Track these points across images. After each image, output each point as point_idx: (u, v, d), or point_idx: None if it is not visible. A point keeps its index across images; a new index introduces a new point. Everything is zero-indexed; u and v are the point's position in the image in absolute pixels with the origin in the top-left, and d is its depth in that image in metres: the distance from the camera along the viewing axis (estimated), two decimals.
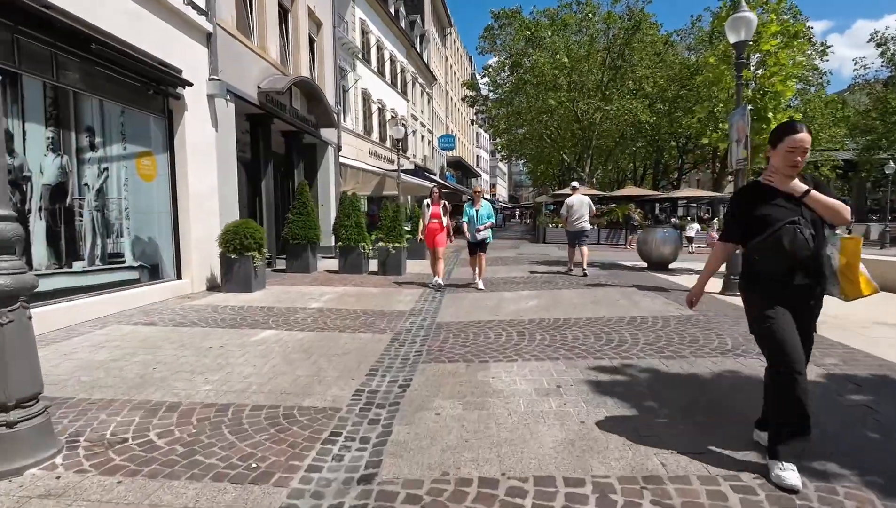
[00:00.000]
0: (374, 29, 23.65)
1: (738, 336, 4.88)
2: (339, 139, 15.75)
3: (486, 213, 8.28)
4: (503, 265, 12.03)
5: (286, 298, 7.50)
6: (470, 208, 8.36)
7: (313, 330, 5.49)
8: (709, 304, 6.62)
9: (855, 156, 27.68)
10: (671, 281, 8.89)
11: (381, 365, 4.24)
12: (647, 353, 4.41)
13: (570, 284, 8.71)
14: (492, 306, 6.83)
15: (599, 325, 5.51)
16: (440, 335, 5.27)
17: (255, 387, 3.69)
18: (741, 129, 6.92)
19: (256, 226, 7.99)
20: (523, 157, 35.86)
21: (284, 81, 10.44)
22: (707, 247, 18.87)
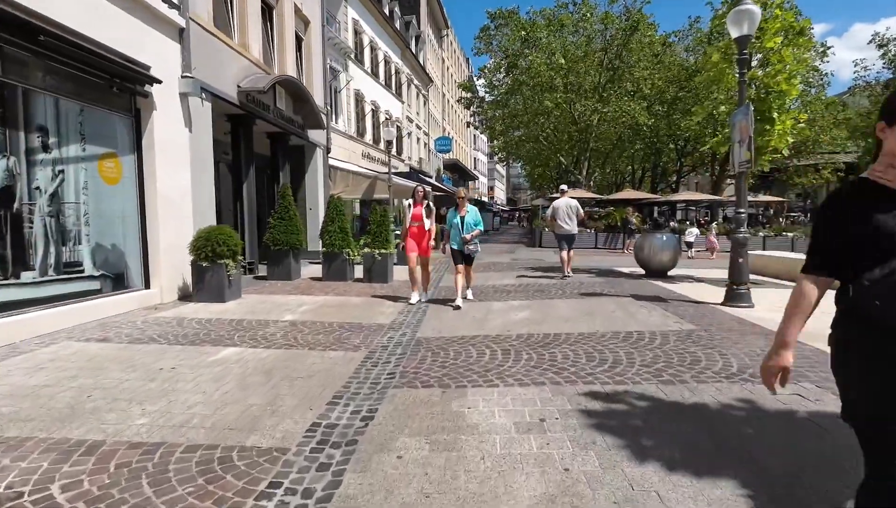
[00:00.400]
0: (368, 29, 23.25)
1: (743, 357, 4.43)
2: (328, 141, 15.31)
3: (473, 220, 7.13)
4: (496, 271, 11.59)
5: (261, 309, 7.04)
6: (454, 214, 7.23)
7: (281, 347, 5.03)
8: (710, 317, 6.18)
9: (856, 159, 27.28)
10: (670, 290, 8.44)
11: (346, 391, 3.79)
12: (643, 376, 3.96)
13: (564, 293, 8.26)
14: (478, 318, 6.38)
15: (592, 342, 5.06)
16: (418, 352, 4.82)
17: (197, 420, 3.24)
18: (744, 129, 6.49)
19: (230, 232, 7.54)
20: (520, 159, 35.42)
21: (266, 79, 10.00)
22: (706, 251, 18.44)
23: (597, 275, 10.75)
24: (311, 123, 13.22)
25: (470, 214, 7.18)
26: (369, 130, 23.27)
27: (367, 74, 23.18)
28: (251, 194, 10.69)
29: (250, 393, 3.73)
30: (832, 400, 3.40)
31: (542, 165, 35.47)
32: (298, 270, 10.14)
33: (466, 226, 7.08)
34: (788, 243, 21.30)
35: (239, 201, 10.57)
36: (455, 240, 7.16)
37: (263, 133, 12.22)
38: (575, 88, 23.70)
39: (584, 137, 25.01)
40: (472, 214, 7.20)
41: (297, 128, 12.75)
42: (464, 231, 7.04)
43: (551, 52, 23.12)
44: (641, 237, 10.54)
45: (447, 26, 45.44)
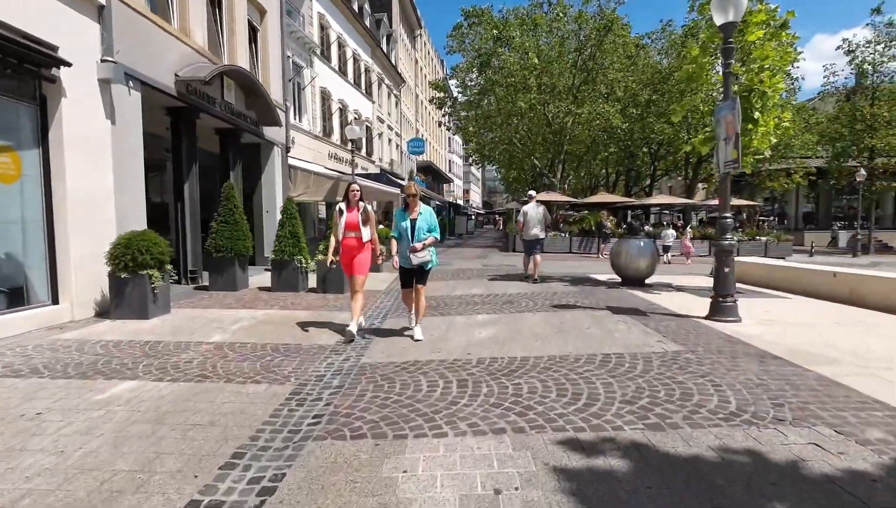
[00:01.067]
0: (335, 24, 22.34)
1: (740, 388, 3.74)
2: (287, 139, 14.35)
3: (427, 224, 5.37)
4: (463, 280, 10.82)
5: (187, 327, 6.11)
6: (402, 215, 5.45)
7: (191, 380, 4.15)
8: (696, 334, 5.52)
9: (825, 163, 27.52)
10: (649, 301, 7.80)
11: (253, 445, 2.96)
12: (626, 418, 3.22)
13: (535, 305, 7.54)
14: (436, 337, 5.59)
15: (565, 368, 4.32)
16: (359, 384, 4.00)
17: (28, 502, 2.36)
18: (730, 124, 5.88)
19: (155, 238, 6.59)
20: (494, 162, 34.86)
21: (209, 69, 9.04)
22: (682, 256, 18.07)
23: (571, 283, 10.08)
24: (266, 120, 12.27)
25: (423, 217, 5.39)
26: (337, 129, 22.33)
27: (334, 72, 22.25)
28: (194, 196, 9.69)
29: (123, 452, 2.86)
30: (859, 453, 2.72)
31: (516, 169, 35.00)
32: (245, 279, 9.18)
33: (417, 232, 5.33)
34: (762, 247, 21.17)
35: (180, 204, 9.57)
36: (404, 255, 5.41)
37: (212, 129, 11.23)
38: (549, 88, 23.19)
39: (559, 139, 24.54)
40: (425, 217, 5.40)
41: (251, 124, 11.78)
42: (414, 239, 5.31)
43: (524, 51, 22.57)
44: (618, 243, 9.92)
45: (420, 26, 44.72)
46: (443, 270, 13.00)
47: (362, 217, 5.63)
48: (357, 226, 5.60)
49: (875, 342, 5.18)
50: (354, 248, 5.63)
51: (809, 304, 7.63)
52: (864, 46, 25.96)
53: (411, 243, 5.31)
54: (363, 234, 5.62)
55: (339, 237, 5.65)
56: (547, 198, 23.83)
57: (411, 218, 5.40)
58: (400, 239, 5.47)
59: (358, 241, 5.62)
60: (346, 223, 5.62)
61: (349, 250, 5.65)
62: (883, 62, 25.86)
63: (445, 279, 10.90)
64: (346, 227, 5.62)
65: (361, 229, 5.60)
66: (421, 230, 5.36)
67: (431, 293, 8.72)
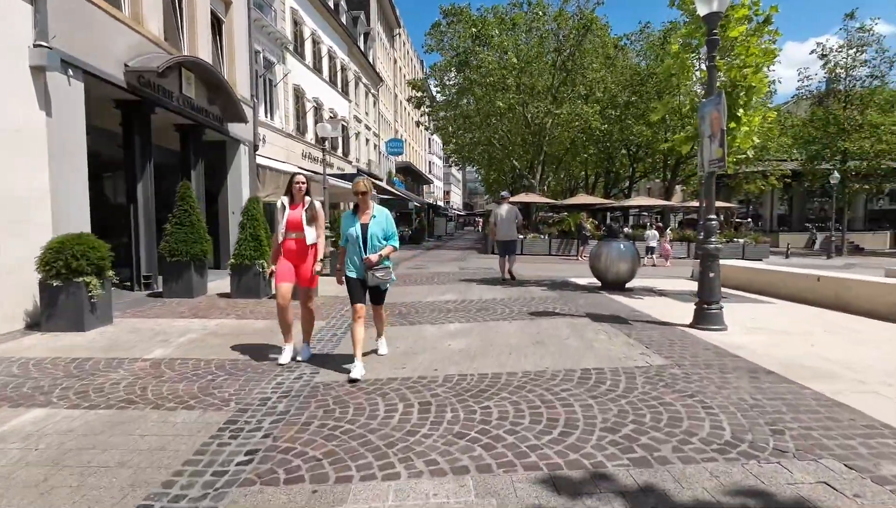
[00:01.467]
0: (309, 21, 21.70)
1: (733, 410, 3.35)
2: (255, 137, 13.71)
3: (382, 229, 4.35)
4: (438, 284, 10.36)
5: (127, 340, 5.52)
6: (350, 219, 4.35)
7: (112, 407, 3.60)
8: (681, 345, 5.14)
9: (800, 166, 27.80)
10: (631, 307, 7.44)
11: (165, 494, 2.45)
12: (607, 451, 2.79)
13: (511, 312, 7.11)
14: (403, 350, 5.11)
15: (540, 387, 3.89)
16: (306, 410, 3.51)
17: None
18: (716, 120, 5.54)
19: (93, 241, 5.97)
20: (473, 163, 34.51)
21: (163, 59, 8.41)
22: (661, 258, 17.89)
23: (549, 287, 9.70)
24: (231, 116, 11.64)
25: (377, 221, 4.33)
26: (311, 128, 21.67)
27: (308, 69, 21.60)
28: (148, 196, 9.03)
29: None
30: (877, 495, 2.33)
31: (496, 170, 34.72)
32: (203, 285, 8.57)
33: (371, 239, 4.28)
34: (740, 249, 21.18)
35: (133, 204, 8.90)
36: (354, 263, 4.35)
37: (172, 125, 10.57)
38: (528, 88, 22.92)
39: (538, 140, 24.28)
40: (380, 221, 4.35)
41: (214, 120, 11.14)
42: (367, 250, 4.28)
43: (503, 50, 22.25)
44: (598, 246, 9.57)
45: (399, 26, 44.21)
46: (417, 274, 12.52)
47: (307, 215, 4.58)
48: (300, 225, 4.55)
49: (868, 352, 4.88)
50: (297, 252, 4.61)
51: (794, 309, 7.36)
52: (837, 51, 26.31)
53: (364, 255, 4.25)
54: (307, 235, 4.56)
55: (280, 240, 4.62)
56: (526, 199, 23.56)
57: (361, 222, 4.30)
58: (347, 245, 4.39)
59: (301, 244, 4.58)
60: (287, 222, 4.57)
61: (291, 254, 4.61)
62: (855, 66, 26.23)
63: (419, 284, 10.43)
64: (288, 226, 4.57)
65: (306, 229, 4.55)
66: (374, 238, 4.28)
67: (402, 300, 8.25)
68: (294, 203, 4.65)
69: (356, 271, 4.35)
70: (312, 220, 4.62)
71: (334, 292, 8.65)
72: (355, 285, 4.37)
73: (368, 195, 4.35)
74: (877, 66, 25.88)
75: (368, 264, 4.25)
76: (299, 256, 4.63)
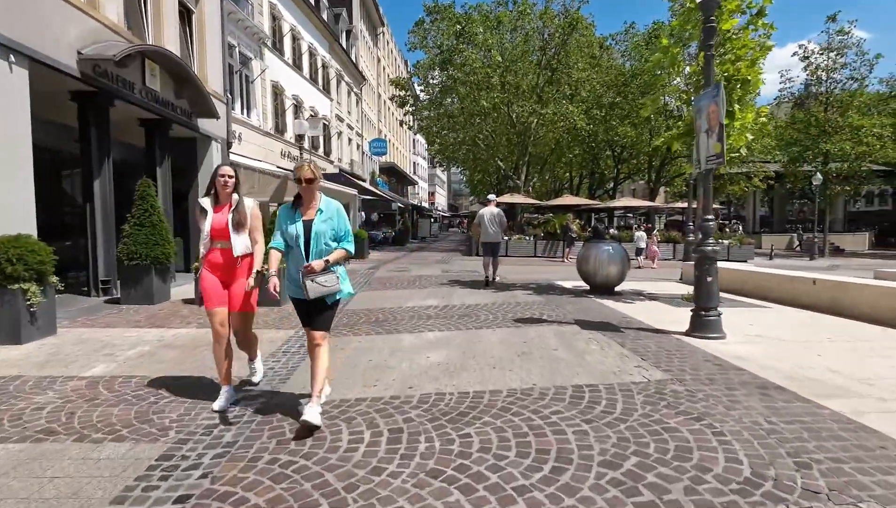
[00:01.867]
0: (288, 16, 21.07)
1: (748, 437, 2.93)
2: (228, 134, 13.09)
3: (333, 229, 3.29)
4: (419, 288, 9.87)
5: (69, 354, 4.95)
6: (288, 215, 3.32)
7: (27, 439, 3.06)
8: (679, 356, 4.74)
9: (782, 167, 27.91)
10: (622, 313, 7.04)
11: None
12: (608, 494, 2.34)
13: (495, 319, 6.66)
14: (375, 364, 4.62)
15: (528, 409, 3.43)
16: (257, 440, 3.01)
17: None
18: (714, 114, 5.16)
19: (33, 244, 5.38)
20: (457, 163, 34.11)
21: (120, 47, 7.81)
22: (647, 260, 17.64)
23: (535, 291, 9.28)
24: (200, 111, 11.02)
25: (324, 217, 3.26)
26: (290, 126, 21.03)
27: (287, 65, 20.97)
28: (106, 195, 8.41)
29: None
30: None
31: (481, 171, 34.37)
32: (166, 291, 7.97)
33: (316, 243, 3.22)
34: (725, 250, 21.04)
35: (90, 204, 8.27)
36: (294, 277, 3.29)
37: (136, 120, 9.94)
38: (512, 87, 22.57)
39: (523, 140, 23.95)
40: (328, 216, 3.28)
41: (182, 115, 10.52)
42: (310, 255, 3.22)
43: (487, 48, 21.87)
44: (586, 248, 9.18)
45: (383, 24, 43.65)
46: (399, 277, 12.03)
47: (234, 219, 3.49)
48: (226, 232, 3.48)
49: (879, 363, 4.52)
50: (225, 266, 3.54)
51: (791, 314, 7.04)
52: (819, 53, 26.47)
53: (305, 261, 3.18)
54: (234, 245, 3.49)
55: (202, 251, 3.56)
56: (511, 200, 23.21)
57: (304, 219, 3.24)
58: (285, 253, 3.35)
59: (227, 255, 3.51)
60: (211, 228, 3.48)
61: (218, 269, 3.55)
62: (836, 68, 26.42)
63: (400, 288, 9.94)
64: (213, 233, 3.49)
65: (232, 236, 3.48)
66: (321, 239, 3.21)
67: (381, 305, 7.75)
68: (219, 204, 3.57)
69: (296, 286, 3.26)
70: (240, 224, 3.52)
71: None
72: (298, 307, 3.40)
73: (315, 184, 3.26)
74: (857, 68, 26.13)
75: (308, 272, 3.14)
76: (227, 271, 3.55)
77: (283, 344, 5.39)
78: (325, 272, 3.20)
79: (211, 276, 3.56)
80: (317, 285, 3.16)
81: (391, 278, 11.84)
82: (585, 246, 9.41)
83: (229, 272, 3.58)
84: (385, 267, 14.76)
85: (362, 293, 9.19)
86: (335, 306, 3.40)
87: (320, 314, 3.31)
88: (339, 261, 3.32)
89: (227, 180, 3.55)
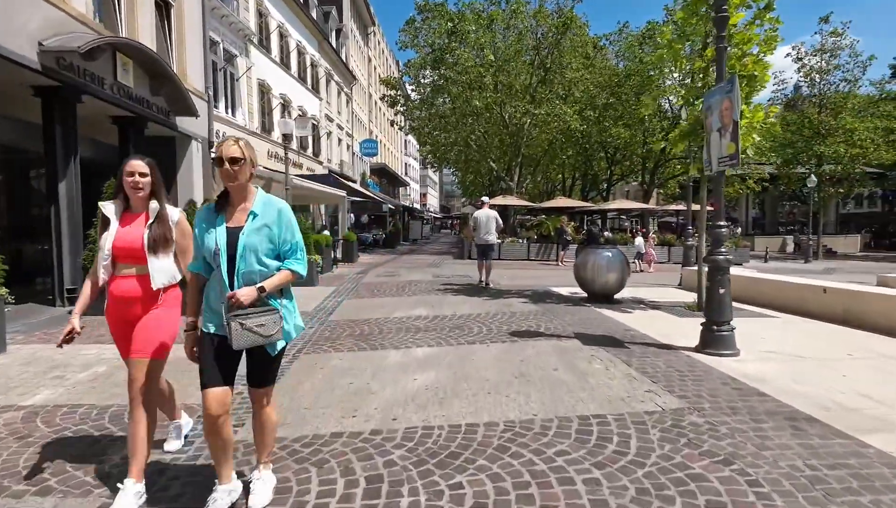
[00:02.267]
0: (276, 12, 20.53)
1: (789, 488, 2.48)
2: (210, 133, 12.55)
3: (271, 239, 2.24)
4: (408, 296, 9.39)
5: (15, 376, 4.42)
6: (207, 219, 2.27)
7: None
8: (693, 377, 4.29)
9: (775, 170, 27.75)
10: (624, 325, 6.61)
11: None
12: None
13: (489, 332, 6.19)
14: (357, 387, 4.14)
15: (528, 448, 2.97)
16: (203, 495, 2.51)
17: None
18: (727, 111, 4.74)
19: None
20: (449, 165, 33.66)
21: (86, 39, 7.27)
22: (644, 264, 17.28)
23: (531, 299, 8.83)
24: (179, 109, 10.49)
25: (257, 222, 2.22)
26: (277, 126, 20.46)
27: (275, 64, 20.43)
28: (72, 196, 7.85)
29: None
30: None
31: (473, 172, 33.96)
32: None
33: (244, 260, 2.19)
34: None
35: (55, 206, 7.71)
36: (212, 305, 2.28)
37: (107, 117, 9.38)
38: (505, 87, 22.16)
39: (516, 141, 23.54)
40: (262, 222, 2.23)
41: (158, 113, 9.98)
42: (235, 279, 2.19)
43: (480, 47, 21.44)
44: (584, 253, 8.75)
45: (374, 24, 43.14)
46: (388, 282, 11.55)
47: (153, 235, 2.51)
48: (139, 253, 2.50)
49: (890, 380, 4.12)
50: (130, 301, 2.52)
51: (802, 325, 6.64)
52: (812, 55, 26.35)
53: (228, 290, 2.16)
54: (154, 273, 2.50)
55: (100, 277, 2.52)
56: (504, 202, 22.79)
57: (230, 226, 2.22)
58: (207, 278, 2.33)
59: (142, 286, 2.52)
60: (114, 245, 2.50)
61: (122, 304, 2.54)
62: (829, 70, 26.30)
63: (388, 295, 9.45)
64: (116, 253, 2.51)
65: (150, 261, 2.50)
66: (252, 256, 2.19)
67: (367, 316, 7.26)
68: (130, 211, 2.57)
69: (215, 320, 2.25)
70: (162, 243, 2.52)
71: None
72: (209, 352, 2.23)
73: (245, 169, 2.19)
74: (850, 70, 26.03)
75: (233, 304, 2.10)
76: (137, 305, 2.52)
77: None
78: (261, 310, 2.14)
79: (116, 316, 2.57)
80: (246, 331, 2.11)
81: (380, 283, 11.35)
82: (584, 252, 8.98)
83: (139, 307, 2.53)
84: (374, 271, 14.26)
85: (348, 302, 8.70)
86: (281, 356, 2.39)
87: (259, 366, 2.33)
88: (282, 288, 2.27)
89: (137, 180, 2.49)
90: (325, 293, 9.49)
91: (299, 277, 2.33)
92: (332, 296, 9.24)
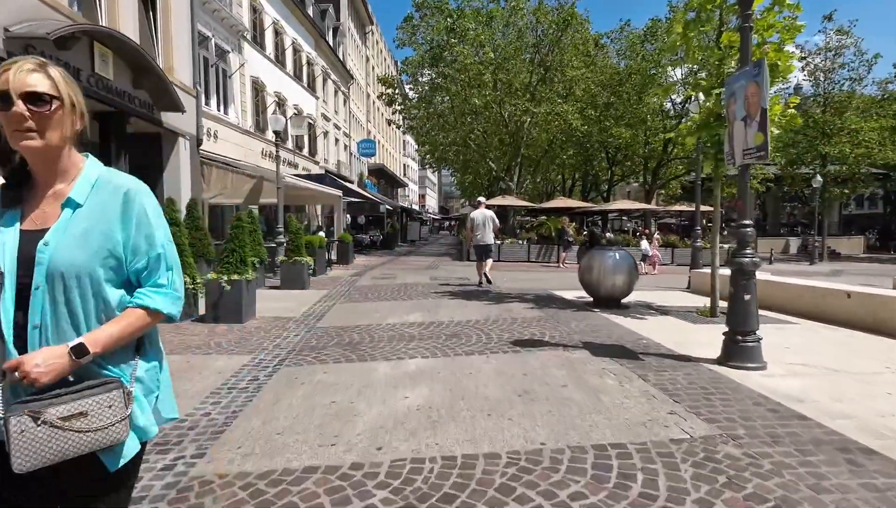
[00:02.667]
0: (270, 9, 20.07)
1: None
2: (198, 130, 12.07)
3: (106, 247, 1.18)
4: (403, 300, 8.90)
5: None
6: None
7: None
8: (720, 395, 3.81)
9: (779, 170, 27.32)
10: (635, 333, 6.11)
11: None
12: None
13: (489, 341, 5.71)
14: (340, 407, 3.65)
15: (536, 490, 2.48)
16: None
17: None
18: (753, 97, 4.27)
19: None
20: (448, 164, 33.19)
21: (57, 25, 6.79)
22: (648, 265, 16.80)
23: (533, 304, 8.35)
24: (164, 104, 10.01)
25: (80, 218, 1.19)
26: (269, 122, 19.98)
27: (269, 61, 19.96)
28: None
29: None
30: None
31: (472, 172, 33.46)
32: None
33: (49, 296, 1.13)
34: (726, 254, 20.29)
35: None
36: None
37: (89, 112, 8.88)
38: (505, 86, 21.70)
39: (515, 140, 23.07)
40: (89, 219, 1.19)
41: (141, 108, 9.50)
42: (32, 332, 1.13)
43: (479, 45, 20.98)
44: (590, 256, 8.26)
45: (372, 23, 42.71)
46: (384, 285, 11.06)
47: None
48: None
49: None
50: None
51: (826, 333, 6.17)
52: (815, 53, 25.96)
53: (11, 353, 1.11)
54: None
55: None
56: (503, 202, 22.32)
57: (25, 229, 1.18)
58: None
59: None
60: None
61: None
62: (834, 69, 25.89)
63: (383, 299, 8.97)
64: None
65: None
66: (73, 282, 1.15)
67: (358, 322, 6.78)
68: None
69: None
70: None
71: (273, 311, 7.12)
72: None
73: (59, 119, 1.20)
74: (855, 68, 25.61)
75: (20, 376, 1.08)
76: None
77: (233, 376, 4.40)
78: (80, 388, 1.13)
79: None
80: (44, 429, 1.07)
81: (375, 286, 10.86)
82: (589, 254, 8.49)
83: None
84: (370, 274, 13.77)
85: (340, 306, 8.21)
86: (126, 478, 1.25)
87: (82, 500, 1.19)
88: (130, 342, 1.24)
89: None
90: (315, 297, 9.01)
91: (167, 316, 1.27)
92: (323, 300, 8.75)
